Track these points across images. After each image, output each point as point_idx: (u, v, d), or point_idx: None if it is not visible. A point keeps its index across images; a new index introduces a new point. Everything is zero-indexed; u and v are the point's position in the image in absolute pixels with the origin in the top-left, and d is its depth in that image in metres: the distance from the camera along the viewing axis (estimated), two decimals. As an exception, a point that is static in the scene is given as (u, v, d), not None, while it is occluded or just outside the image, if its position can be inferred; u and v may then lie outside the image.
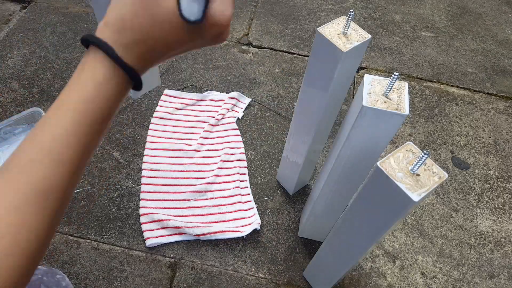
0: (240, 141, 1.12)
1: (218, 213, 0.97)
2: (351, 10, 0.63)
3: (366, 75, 0.60)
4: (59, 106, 0.32)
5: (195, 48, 0.34)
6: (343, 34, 0.64)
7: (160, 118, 1.14)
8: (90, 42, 0.31)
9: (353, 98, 1.24)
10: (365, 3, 1.61)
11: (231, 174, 1.04)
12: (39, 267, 0.65)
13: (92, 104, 0.31)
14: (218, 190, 1.01)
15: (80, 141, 0.31)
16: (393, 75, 0.55)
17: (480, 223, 1.03)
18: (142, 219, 0.95)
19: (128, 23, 0.30)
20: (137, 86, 0.34)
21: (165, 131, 1.12)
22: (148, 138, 1.10)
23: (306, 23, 1.49)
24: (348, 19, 0.63)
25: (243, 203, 1.00)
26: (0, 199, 0.29)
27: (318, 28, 0.64)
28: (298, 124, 0.84)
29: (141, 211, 0.96)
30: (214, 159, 1.07)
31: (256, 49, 1.38)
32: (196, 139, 1.11)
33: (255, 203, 1.01)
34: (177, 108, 1.17)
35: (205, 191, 1.00)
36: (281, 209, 1.01)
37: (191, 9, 0.28)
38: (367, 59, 1.40)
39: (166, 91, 1.20)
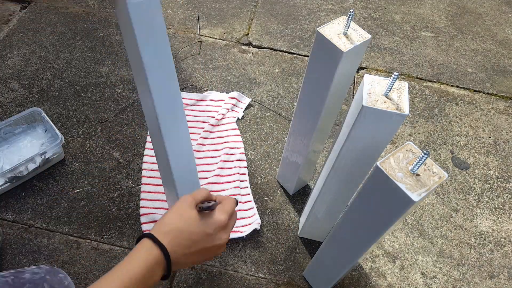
0: (240, 141, 1.12)
1: (218, 213, 0.97)
2: (351, 10, 0.63)
3: (366, 75, 0.60)
4: (114, 275, 0.45)
5: (208, 251, 0.51)
6: (343, 34, 0.64)
7: (160, 118, 1.14)
8: (145, 236, 0.48)
9: (353, 98, 1.24)
10: (365, 3, 1.61)
11: (231, 174, 1.04)
12: (41, 266, 0.65)
13: (139, 277, 0.45)
14: (218, 190, 1.01)
15: None
16: (393, 75, 0.55)
17: (480, 223, 1.03)
18: (142, 219, 0.95)
19: (166, 221, 0.49)
20: (167, 275, 0.48)
21: (165, 131, 1.12)
22: (148, 138, 1.10)
23: (306, 23, 1.49)
24: (348, 19, 0.63)
25: (243, 203, 1.00)
26: None
27: (318, 28, 0.64)
28: (298, 124, 0.84)
29: (141, 211, 0.96)
30: (214, 159, 1.07)
31: (256, 49, 1.38)
32: (196, 139, 1.11)
33: (255, 203, 1.01)
34: (177, 108, 1.17)
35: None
36: (281, 209, 1.01)
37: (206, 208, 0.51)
38: (367, 59, 1.40)
39: (166, 91, 1.20)
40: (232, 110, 1.18)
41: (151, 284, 0.46)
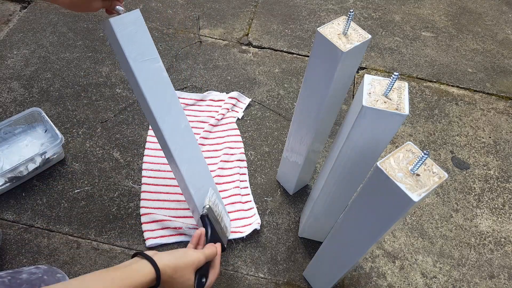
0: (240, 141, 1.12)
1: (218, 213, 0.97)
2: (351, 10, 0.63)
3: (366, 75, 0.60)
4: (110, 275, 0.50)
5: None
6: (343, 34, 0.64)
7: (160, 118, 1.14)
8: (144, 256, 0.55)
9: (353, 98, 1.24)
10: (365, 3, 1.61)
11: (231, 174, 1.04)
12: (39, 266, 0.65)
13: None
14: (219, 191, 1.01)
15: None
16: (393, 75, 0.55)
17: (480, 223, 1.03)
18: (143, 219, 0.95)
19: (172, 260, 0.57)
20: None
21: (165, 131, 1.12)
22: (148, 138, 1.10)
23: (306, 23, 1.49)
24: (348, 19, 0.63)
25: (243, 203, 1.00)
26: None
27: (318, 28, 0.64)
28: (298, 124, 0.84)
29: (142, 211, 0.96)
30: (214, 159, 1.07)
31: (256, 49, 1.38)
32: (196, 139, 1.11)
33: (255, 203, 1.01)
34: (177, 108, 1.17)
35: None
36: (281, 209, 1.01)
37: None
38: (367, 59, 1.40)
39: (166, 91, 1.20)
40: (232, 110, 1.18)
41: None
